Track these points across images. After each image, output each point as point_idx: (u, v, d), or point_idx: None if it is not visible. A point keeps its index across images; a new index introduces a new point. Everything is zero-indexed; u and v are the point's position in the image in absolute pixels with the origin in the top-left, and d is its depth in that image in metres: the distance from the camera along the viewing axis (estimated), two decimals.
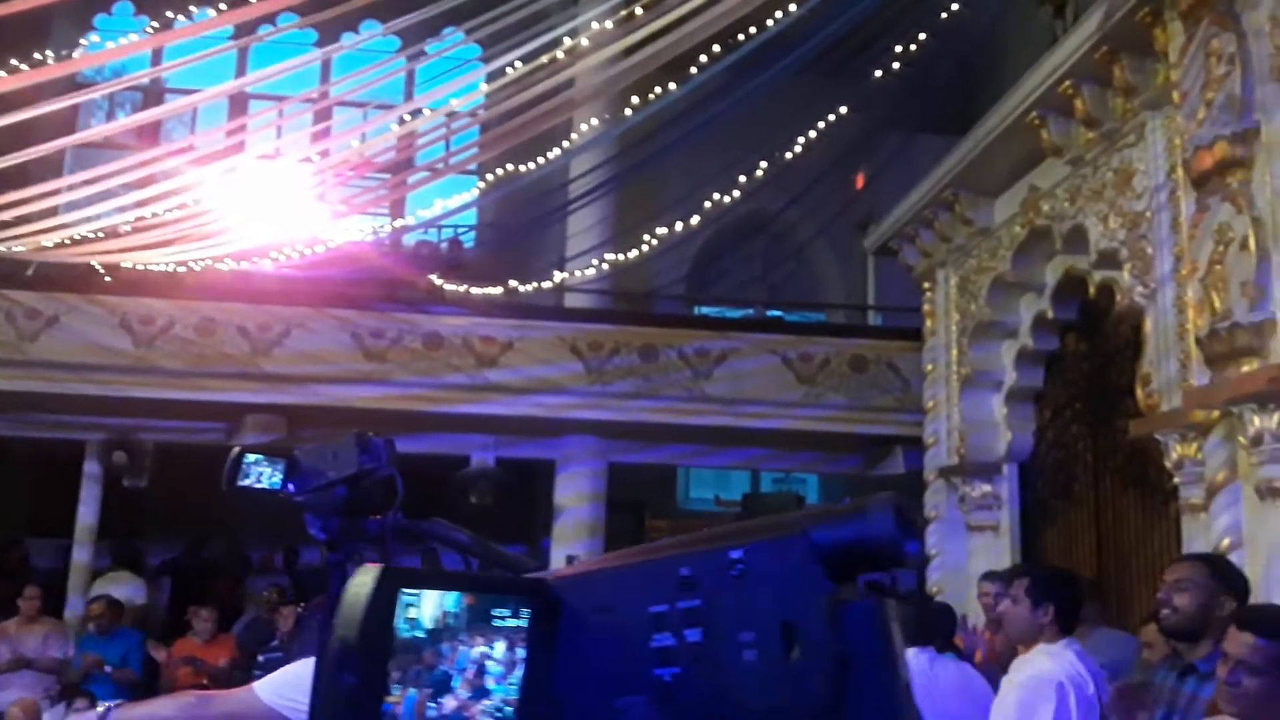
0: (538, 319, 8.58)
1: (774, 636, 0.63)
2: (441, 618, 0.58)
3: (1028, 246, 6.55)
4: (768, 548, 0.64)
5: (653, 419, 8.37)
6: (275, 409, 8.28)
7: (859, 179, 10.13)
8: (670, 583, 0.64)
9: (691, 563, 0.64)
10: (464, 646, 0.59)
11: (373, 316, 8.39)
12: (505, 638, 0.62)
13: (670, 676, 0.62)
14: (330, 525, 1.83)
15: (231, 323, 8.16)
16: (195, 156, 9.30)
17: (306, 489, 1.84)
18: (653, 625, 0.63)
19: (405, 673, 0.56)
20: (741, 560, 0.64)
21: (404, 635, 0.57)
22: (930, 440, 7.38)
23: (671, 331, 8.69)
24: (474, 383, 8.36)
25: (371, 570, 0.56)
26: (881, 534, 0.67)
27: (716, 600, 0.63)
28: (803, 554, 0.64)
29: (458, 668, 0.59)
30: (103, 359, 7.92)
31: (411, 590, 0.57)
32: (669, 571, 0.64)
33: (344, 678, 0.54)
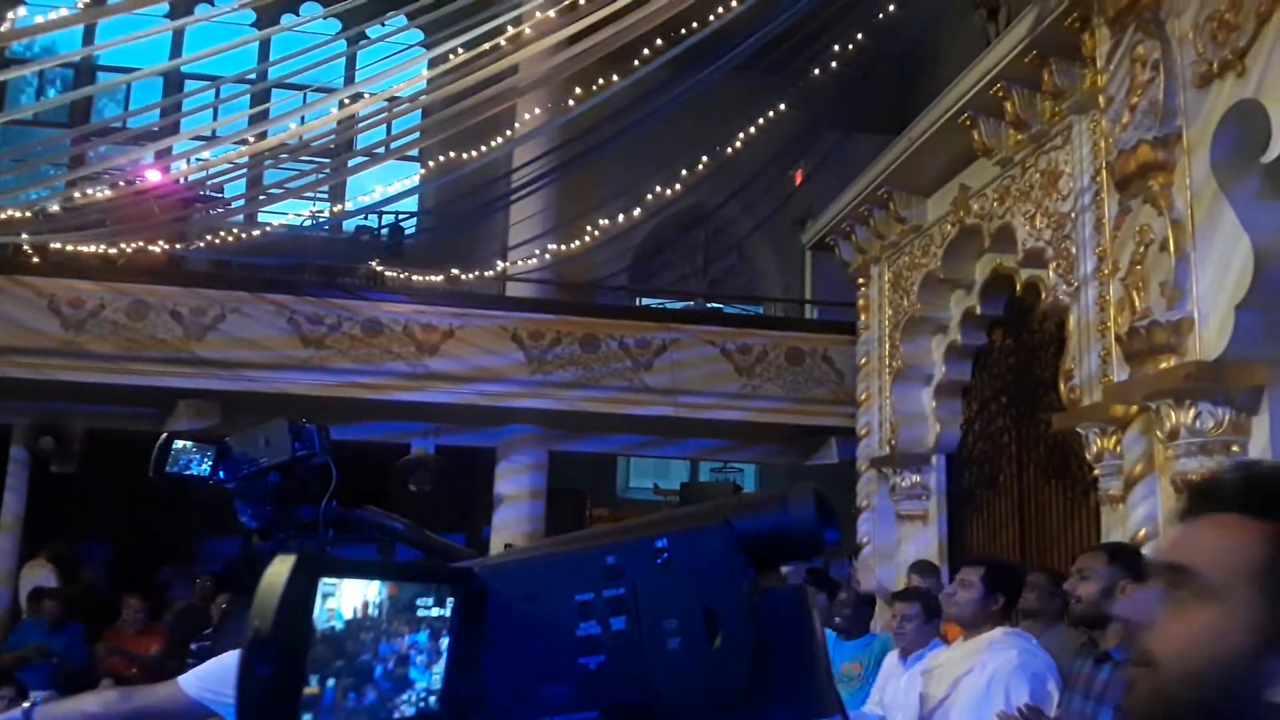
0: (479, 307, 8.55)
1: (697, 624, 0.63)
2: (363, 607, 0.57)
3: (958, 244, 6.72)
4: (691, 536, 0.65)
5: (593, 409, 8.41)
6: (209, 395, 8.14)
7: (798, 176, 10.28)
8: (596, 571, 0.64)
9: (617, 551, 0.65)
10: (386, 637, 0.58)
11: (310, 302, 8.28)
12: (429, 627, 0.61)
13: (595, 665, 0.63)
14: (261, 513, 1.85)
15: (164, 306, 7.99)
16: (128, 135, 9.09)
17: (237, 476, 1.86)
18: (579, 613, 0.64)
19: (325, 664, 0.55)
20: (666, 549, 0.64)
21: (323, 626, 0.56)
22: (863, 431, 7.54)
23: (613, 322, 8.74)
24: (414, 371, 8.32)
25: (287, 559, 0.56)
26: (802, 523, 0.67)
27: (642, 588, 0.64)
28: (725, 542, 0.65)
29: (380, 658, 0.58)
30: (30, 341, 7.70)
31: (330, 579, 0.56)
32: (595, 560, 0.65)
33: (259, 669, 0.53)
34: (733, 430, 8.71)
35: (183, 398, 8.10)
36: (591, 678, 0.63)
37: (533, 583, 0.66)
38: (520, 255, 8.74)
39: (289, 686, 0.54)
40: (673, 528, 0.65)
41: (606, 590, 0.63)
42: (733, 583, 0.63)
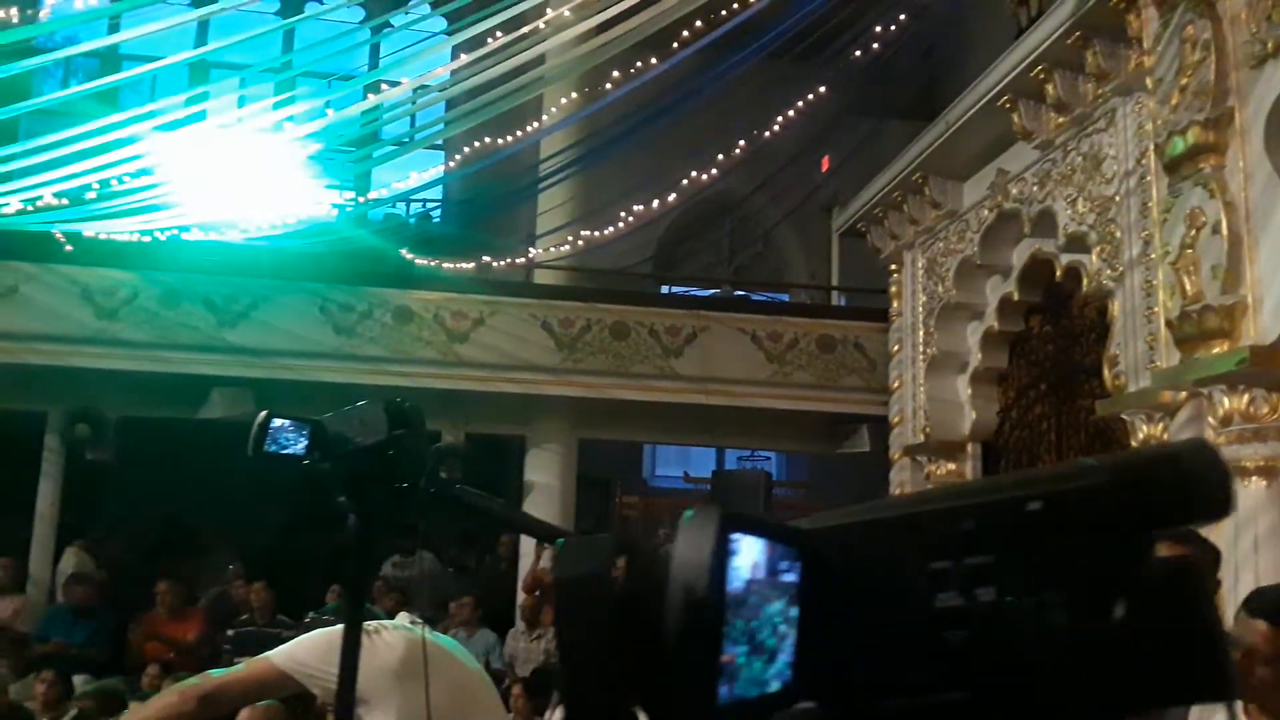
0: (509, 295, 8.55)
1: (1086, 597, 0.56)
2: (751, 568, 0.53)
3: (995, 229, 6.67)
4: (1071, 496, 0.57)
5: (623, 396, 8.41)
6: (242, 382, 8.16)
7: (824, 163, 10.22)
8: (954, 535, 0.57)
9: (979, 513, 0.58)
10: (764, 602, 0.54)
11: (342, 290, 8.30)
12: (785, 595, 0.55)
13: (960, 640, 0.56)
14: (358, 492, 1.84)
15: (198, 294, 8.02)
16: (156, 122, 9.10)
17: (332, 455, 1.85)
18: (936, 583, 0.57)
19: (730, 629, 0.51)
20: (1040, 510, 0.57)
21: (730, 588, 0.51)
22: (896, 419, 7.51)
23: (643, 309, 8.72)
24: (444, 358, 8.33)
25: (710, 511, 0.52)
26: (1204, 478, 0.58)
27: (1012, 555, 0.56)
28: (1114, 503, 0.57)
29: (759, 625, 0.53)
30: (64, 329, 7.75)
31: (738, 536, 0.51)
32: (952, 523, 0.57)
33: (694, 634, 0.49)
34: (762, 418, 8.69)
35: (216, 385, 8.13)
36: (956, 654, 0.56)
37: (876, 549, 0.60)
38: (548, 243, 8.72)
39: (712, 652, 0.50)
40: (1046, 487, 0.58)
41: (968, 557, 0.57)
42: (1125, 549, 0.56)
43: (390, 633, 2.18)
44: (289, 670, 2.13)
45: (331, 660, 1.80)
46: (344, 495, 1.81)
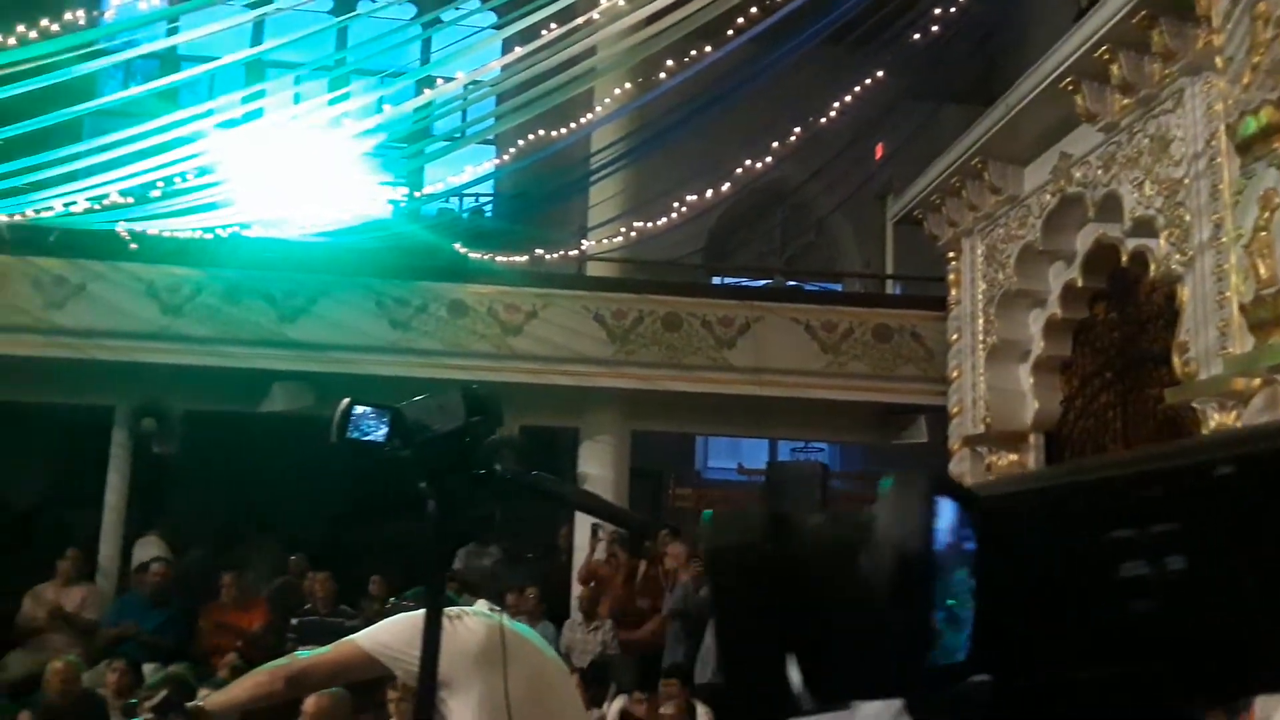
0: (561, 288, 8.58)
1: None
2: (945, 535, 0.51)
3: (1058, 215, 6.54)
4: (1267, 459, 0.54)
5: (677, 388, 8.40)
6: (302, 377, 8.31)
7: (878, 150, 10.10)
8: (1138, 502, 0.55)
9: (1164, 478, 0.56)
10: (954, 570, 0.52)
11: (398, 285, 8.40)
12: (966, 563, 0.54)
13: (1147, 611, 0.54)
14: (437, 479, 1.86)
15: (258, 290, 8.17)
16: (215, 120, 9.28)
17: (412, 442, 1.87)
18: (1119, 551, 0.55)
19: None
20: (1233, 475, 0.54)
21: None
22: (955, 409, 7.40)
23: (696, 300, 8.70)
24: (499, 351, 8.38)
25: (915, 475, 0.51)
26: None
27: (1203, 523, 0.54)
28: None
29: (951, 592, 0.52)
30: (130, 325, 7.94)
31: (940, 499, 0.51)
32: (1134, 489, 0.56)
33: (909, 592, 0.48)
34: (817, 409, 8.62)
35: (277, 379, 8.29)
36: (1145, 626, 0.55)
37: (1050, 516, 0.57)
38: (600, 235, 8.73)
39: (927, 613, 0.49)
40: (1238, 449, 0.55)
41: (1154, 524, 0.54)
42: None
43: (471, 619, 2.20)
44: (374, 653, 2.17)
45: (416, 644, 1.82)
46: (423, 482, 1.83)
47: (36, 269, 7.96)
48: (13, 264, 7.96)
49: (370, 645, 2.20)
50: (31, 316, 7.85)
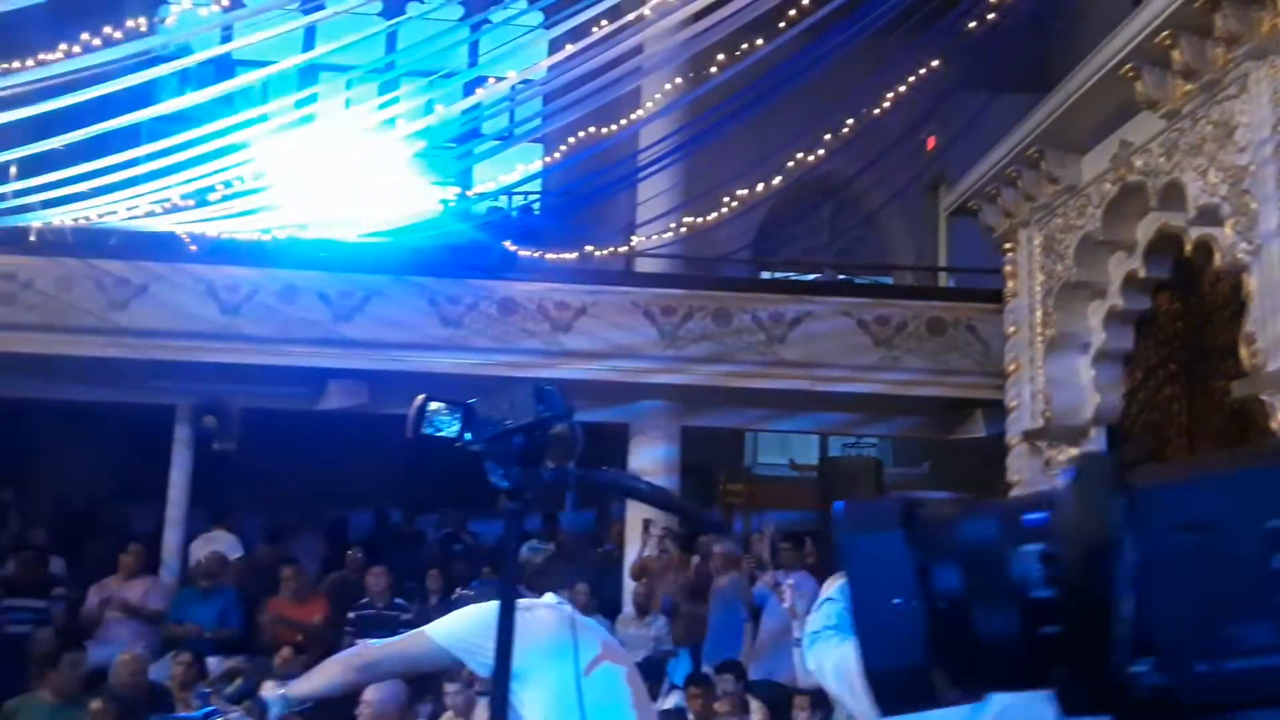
0: (611, 284, 8.60)
1: None
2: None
3: (1119, 204, 6.39)
4: None
5: (727, 383, 8.38)
6: (357, 374, 8.43)
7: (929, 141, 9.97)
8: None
9: None
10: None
11: (449, 283, 8.48)
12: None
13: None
14: (511, 474, 1.87)
15: (313, 289, 8.30)
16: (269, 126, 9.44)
17: (483, 437, 1.89)
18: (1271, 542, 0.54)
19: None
20: None
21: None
22: (1013, 404, 7.28)
23: (746, 295, 8.67)
24: (549, 348, 8.43)
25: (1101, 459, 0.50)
26: None
27: None
28: None
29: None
30: (191, 325, 8.12)
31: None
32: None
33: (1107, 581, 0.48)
34: (869, 403, 8.55)
35: (332, 377, 8.42)
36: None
37: (1198, 507, 0.57)
38: (649, 231, 8.74)
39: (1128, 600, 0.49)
40: None
41: None
42: None
43: (542, 610, 2.22)
44: (446, 645, 2.19)
45: (489, 635, 1.84)
46: (496, 475, 1.84)
47: (99, 271, 8.18)
48: (77, 267, 8.18)
49: (443, 638, 2.22)
50: (95, 317, 8.06)
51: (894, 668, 0.55)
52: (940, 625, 0.52)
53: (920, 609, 0.53)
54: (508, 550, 1.90)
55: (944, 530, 0.54)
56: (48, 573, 7.59)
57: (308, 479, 10.03)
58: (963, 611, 0.51)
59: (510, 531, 1.89)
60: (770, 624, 7.06)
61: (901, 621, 0.54)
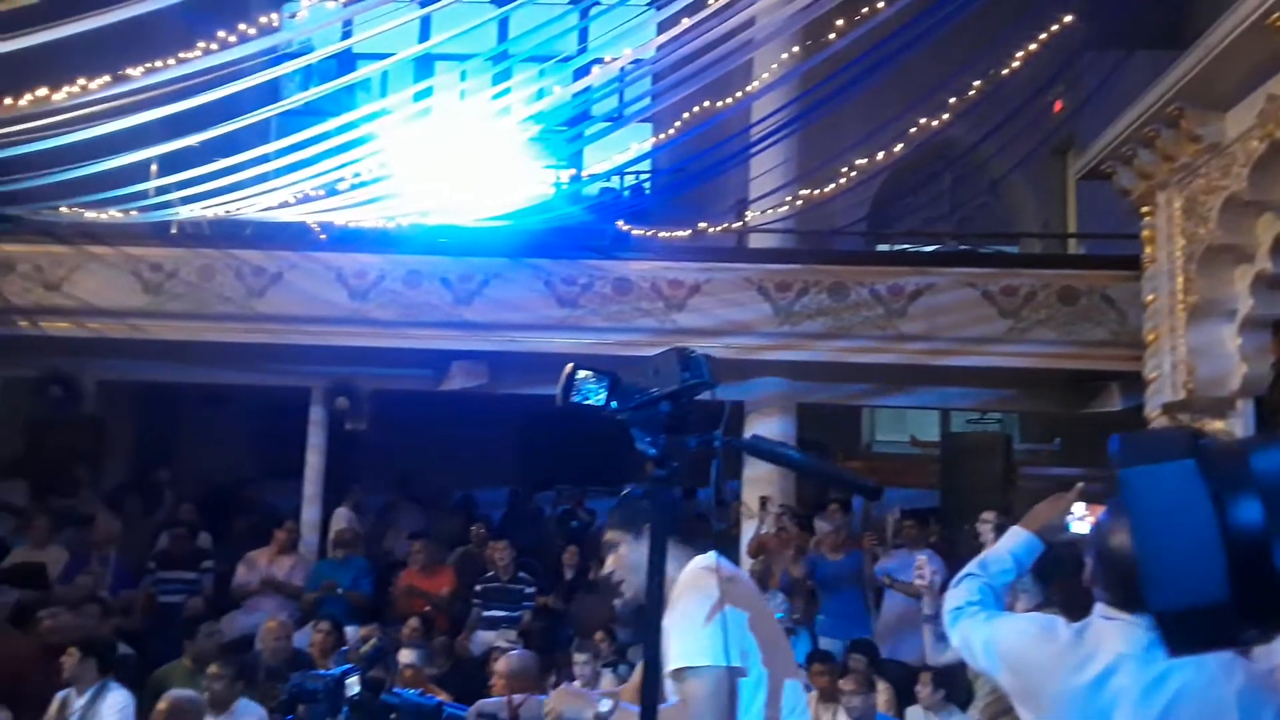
0: (724, 260, 8.56)
1: None
2: None
3: (1267, 162, 5.98)
4: None
5: (844, 359, 8.24)
6: (478, 355, 8.65)
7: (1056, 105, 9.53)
8: None
9: None
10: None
11: (565, 264, 8.59)
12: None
13: None
14: (657, 441, 1.90)
15: (435, 274, 8.54)
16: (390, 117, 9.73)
17: (629, 405, 1.92)
18: None
19: None
20: None
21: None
22: (1152, 375, 6.93)
23: (863, 269, 8.49)
24: (663, 326, 8.45)
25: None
26: None
27: None
28: None
29: None
30: (322, 311, 8.47)
31: None
32: None
33: None
34: (995, 377, 8.28)
35: (455, 359, 8.66)
36: None
37: None
38: (762, 206, 8.65)
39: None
40: None
41: None
42: None
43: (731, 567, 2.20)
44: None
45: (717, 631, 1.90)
46: (643, 443, 1.87)
47: (238, 260, 8.61)
48: (217, 257, 8.63)
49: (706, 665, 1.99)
50: (236, 305, 8.50)
51: (1191, 607, 0.52)
52: (1238, 561, 0.49)
53: (1219, 543, 0.51)
54: (656, 521, 1.91)
55: (1239, 461, 0.52)
56: (197, 547, 8.06)
57: (432, 457, 10.37)
58: (1263, 547, 0.48)
59: (658, 500, 1.91)
60: (894, 602, 6.96)
61: (1198, 558, 0.51)
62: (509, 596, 7.72)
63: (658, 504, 1.92)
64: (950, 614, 2.18)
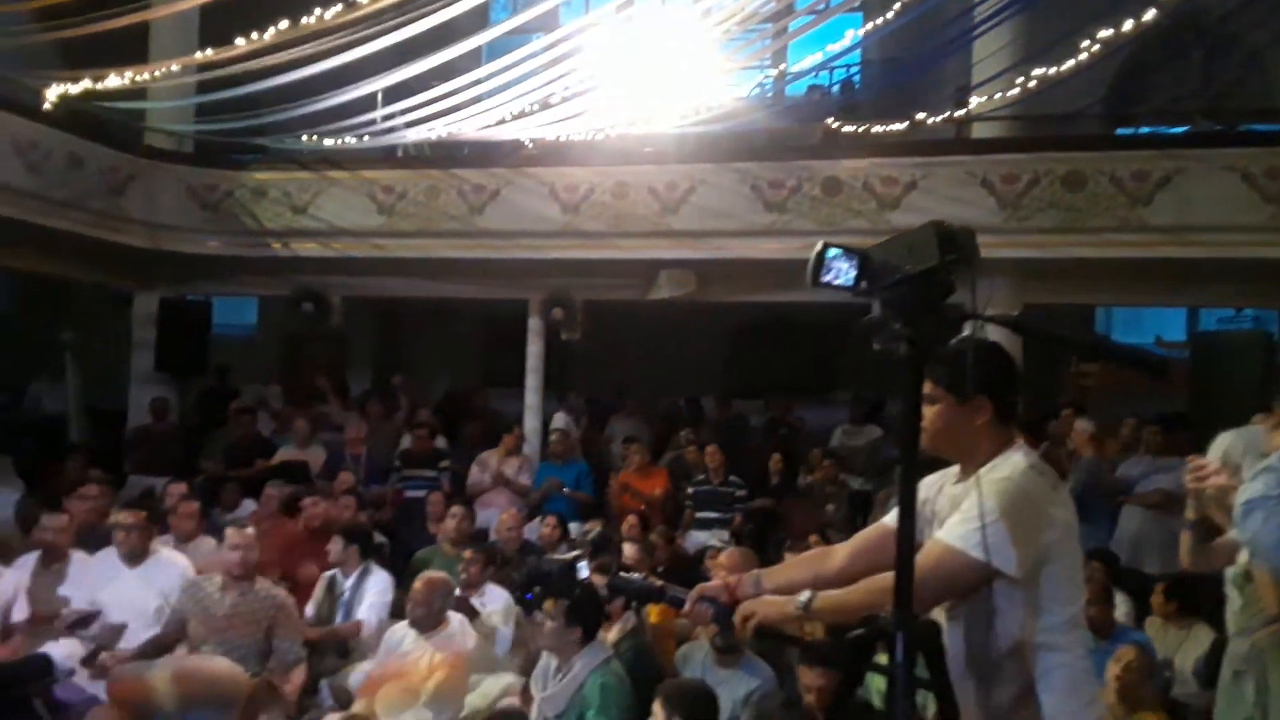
0: (943, 154, 8.08)
1: None
2: None
3: None
4: None
5: (1079, 254, 7.65)
6: (685, 264, 8.69)
7: None
8: None
9: None
10: None
11: (771, 167, 8.40)
12: None
13: None
14: (909, 322, 1.82)
15: (642, 184, 8.59)
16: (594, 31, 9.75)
17: (881, 285, 1.85)
18: None
19: None
20: None
21: None
22: None
23: (1103, 155, 7.78)
24: (876, 227, 8.11)
25: None
26: None
27: None
28: None
29: None
30: (537, 225, 8.75)
31: None
32: None
33: None
34: (1254, 270, 7.43)
35: (663, 268, 8.75)
36: None
37: None
38: (986, 92, 8.05)
39: None
40: None
41: None
42: None
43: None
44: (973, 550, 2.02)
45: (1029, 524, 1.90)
46: (896, 324, 1.80)
47: (459, 180, 9.00)
48: (440, 177, 9.06)
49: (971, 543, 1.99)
50: (459, 222, 8.93)
51: None
52: None
53: None
54: (906, 414, 1.85)
55: None
56: (435, 448, 8.69)
57: (643, 365, 10.62)
58: None
59: (909, 386, 1.85)
60: (1132, 513, 6.55)
61: None
62: (720, 499, 7.88)
63: (909, 385, 1.86)
64: (1241, 507, 2.02)
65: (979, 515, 1.95)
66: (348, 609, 5.47)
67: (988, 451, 2.08)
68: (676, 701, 3.22)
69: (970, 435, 2.08)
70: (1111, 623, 4.82)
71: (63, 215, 8.09)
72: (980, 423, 2.08)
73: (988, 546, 1.93)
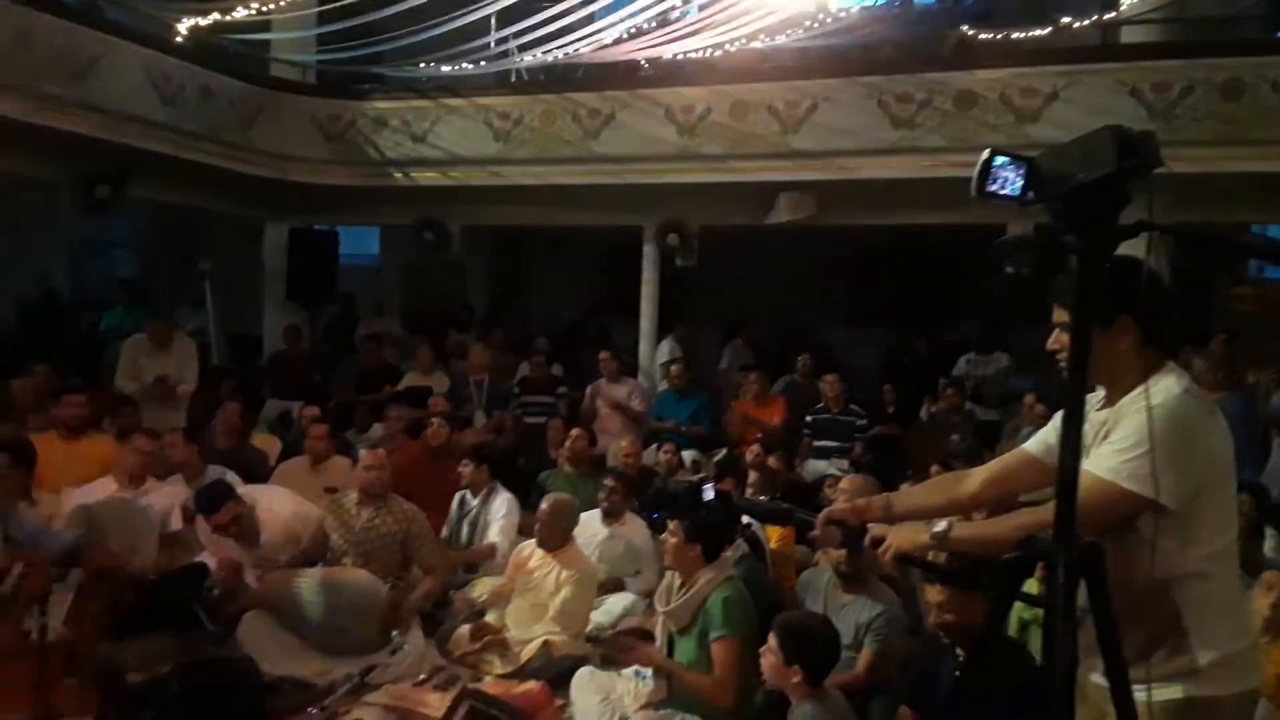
0: (1088, 61, 7.51)
1: None
2: None
3: None
4: None
5: (1238, 168, 7.04)
6: (805, 186, 8.42)
7: None
8: None
9: None
10: None
11: (899, 80, 7.98)
12: None
13: None
14: (1081, 234, 1.67)
15: (761, 104, 8.30)
16: None
17: (1049, 195, 1.70)
18: None
19: None
20: None
21: None
22: None
23: (1263, 60, 7.11)
24: (1013, 141, 7.65)
25: None
26: None
27: None
28: None
29: None
30: (653, 149, 8.58)
31: None
32: None
33: None
34: None
35: (782, 190, 8.49)
36: None
37: None
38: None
39: None
40: None
41: None
42: None
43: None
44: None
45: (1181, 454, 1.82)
46: (1068, 235, 1.65)
47: (574, 104, 8.88)
48: (555, 102, 8.96)
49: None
50: (574, 147, 8.84)
51: None
52: None
53: None
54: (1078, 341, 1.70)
55: None
56: (552, 375, 8.79)
57: (760, 292, 10.45)
58: None
59: (1083, 299, 1.70)
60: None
61: None
62: (839, 428, 7.73)
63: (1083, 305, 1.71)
64: None
65: (1132, 445, 1.88)
66: (474, 526, 5.65)
67: (1135, 377, 1.96)
68: (791, 637, 3.15)
69: (1115, 360, 1.96)
70: (1259, 558, 4.54)
71: (197, 148, 8.36)
72: (1124, 347, 1.95)
73: (1143, 477, 1.85)
